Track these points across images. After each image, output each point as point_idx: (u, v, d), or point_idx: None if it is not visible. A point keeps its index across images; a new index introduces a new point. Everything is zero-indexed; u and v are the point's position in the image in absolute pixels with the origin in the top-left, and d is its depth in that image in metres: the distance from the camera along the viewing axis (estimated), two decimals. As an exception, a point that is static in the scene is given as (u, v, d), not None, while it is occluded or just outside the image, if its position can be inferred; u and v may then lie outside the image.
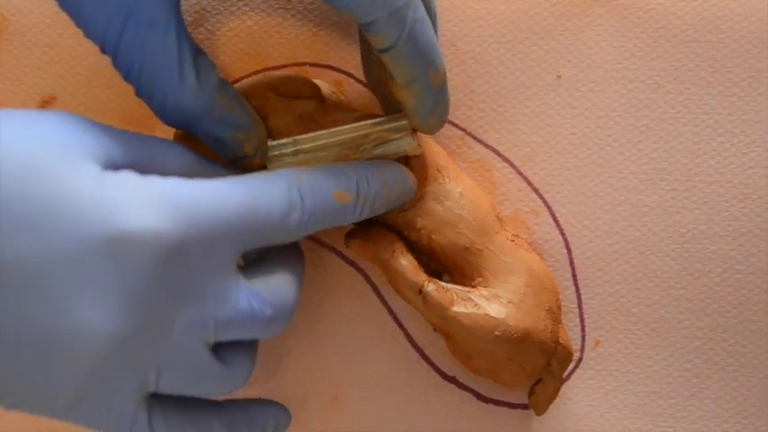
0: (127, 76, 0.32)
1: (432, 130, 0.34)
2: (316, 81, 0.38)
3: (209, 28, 0.40)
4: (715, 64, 0.39)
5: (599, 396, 0.39)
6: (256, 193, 0.29)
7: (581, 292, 0.39)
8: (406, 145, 0.34)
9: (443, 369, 0.39)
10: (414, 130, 0.35)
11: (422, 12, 0.31)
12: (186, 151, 0.32)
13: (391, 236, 0.36)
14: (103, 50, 0.31)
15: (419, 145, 0.35)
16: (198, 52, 0.32)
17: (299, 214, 0.30)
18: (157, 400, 0.30)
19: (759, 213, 0.38)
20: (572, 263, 0.39)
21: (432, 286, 0.35)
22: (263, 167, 0.34)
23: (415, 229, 0.36)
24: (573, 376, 0.39)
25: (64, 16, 0.31)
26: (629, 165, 0.39)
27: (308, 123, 0.36)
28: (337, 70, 0.39)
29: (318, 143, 0.34)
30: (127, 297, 0.26)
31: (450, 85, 0.39)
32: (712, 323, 0.39)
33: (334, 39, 0.40)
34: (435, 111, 0.33)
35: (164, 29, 0.31)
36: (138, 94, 0.32)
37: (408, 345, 0.39)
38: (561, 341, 0.36)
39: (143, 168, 0.29)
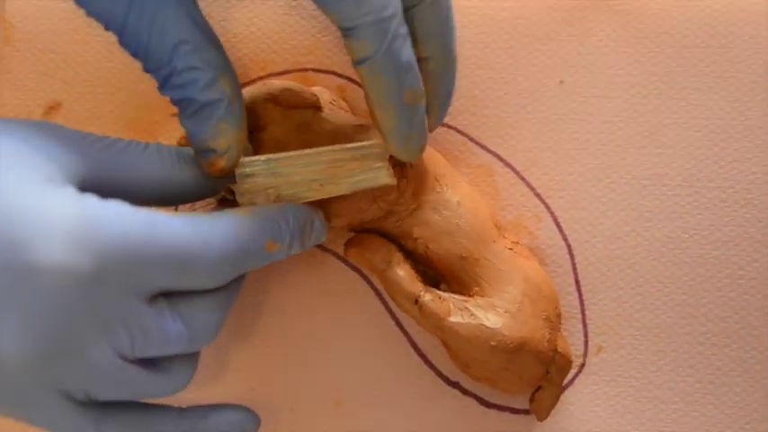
0: (135, 53, 0.31)
1: (410, 157, 0.33)
2: (317, 89, 0.38)
3: (213, 34, 0.40)
4: (717, 69, 0.39)
5: (602, 401, 0.39)
6: (194, 236, 0.29)
7: (584, 297, 0.39)
8: (381, 177, 0.34)
9: (446, 374, 0.39)
10: (392, 158, 0.34)
11: (405, 29, 0.31)
12: (166, 152, 0.32)
13: (389, 245, 0.36)
14: (108, 27, 0.31)
15: (394, 176, 0.34)
16: (207, 25, 0.32)
17: (232, 264, 0.30)
18: (107, 407, 0.30)
19: (761, 219, 0.38)
20: (575, 268, 0.39)
21: (428, 296, 0.35)
22: (225, 175, 0.33)
23: (413, 238, 0.36)
24: (576, 382, 0.39)
25: (70, 23, 0.31)
26: (632, 170, 0.39)
27: (306, 133, 0.36)
28: (340, 76, 0.39)
29: (292, 169, 0.33)
30: (32, 324, 0.26)
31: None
32: (715, 329, 0.38)
33: (337, 45, 0.40)
34: (411, 134, 0.32)
35: (173, 3, 0.31)
36: (147, 69, 0.32)
37: (411, 350, 0.39)
38: (560, 349, 0.36)
39: (111, 177, 0.30)
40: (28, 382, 0.27)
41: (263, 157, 0.33)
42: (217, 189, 0.34)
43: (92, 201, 0.28)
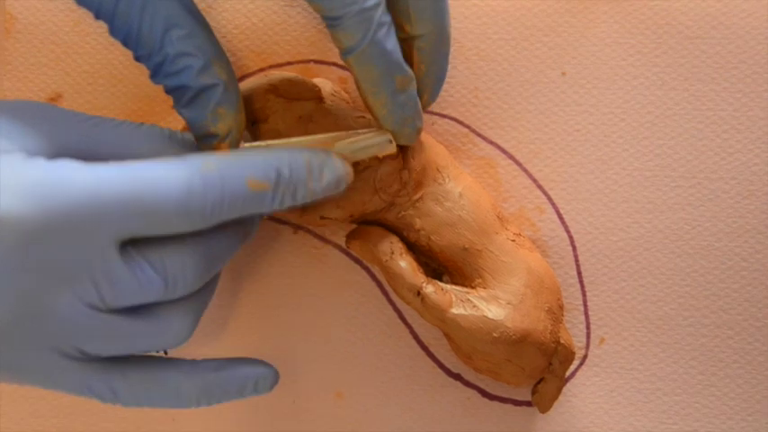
0: (125, 41, 0.32)
1: (407, 140, 0.34)
2: (318, 80, 0.38)
3: (214, 26, 0.40)
4: (720, 60, 0.39)
5: (604, 393, 0.39)
6: (147, 179, 0.28)
7: (586, 289, 0.39)
8: (384, 146, 0.34)
9: (448, 366, 0.39)
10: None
11: (389, 18, 0.31)
12: (158, 133, 0.32)
13: (391, 236, 0.36)
14: (98, 16, 0.31)
15: (394, 143, 0.34)
16: (197, 11, 0.32)
17: (201, 202, 0.28)
18: (113, 363, 0.30)
19: (764, 210, 0.38)
20: (577, 260, 0.39)
21: (430, 288, 0.35)
22: None
23: (415, 229, 0.36)
24: (578, 374, 0.39)
25: (71, 15, 0.31)
26: (634, 161, 0.39)
27: (308, 124, 0.36)
28: (341, 67, 0.39)
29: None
30: None
31: (455, 82, 0.39)
32: (717, 320, 0.38)
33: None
34: (406, 118, 0.33)
35: None
36: (138, 57, 0.32)
37: (413, 342, 0.39)
38: (562, 341, 0.36)
39: (99, 153, 0.29)
40: (18, 343, 0.28)
41: (263, 143, 0.34)
42: None
43: (40, 161, 0.27)
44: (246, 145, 0.33)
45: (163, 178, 0.28)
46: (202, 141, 0.33)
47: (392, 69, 0.32)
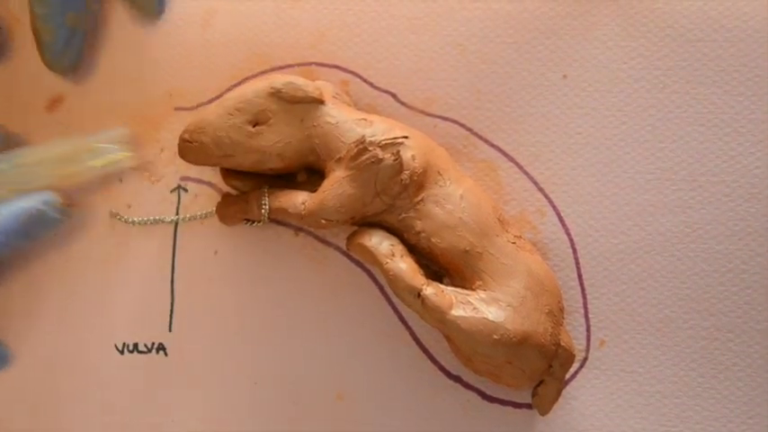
0: None
1: (63, 71, 0.38)
2: (320, 82, 0.38)
3: (217, 28, 0.40)
4: (721, 63, 0.39)
5: (604, 396, 0.39)
6: None
7: (586, 291, 0.39)
8: (122, 157, 0.37)
9: (448, 368, 0.39)
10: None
11: None
12: None
13: (391, 239, 0.36)
14: None
15: (134, 159, 0.37)
16: None
17: None
18: None
19: (765, 213, 0.38)
20: (577, 262, 0.39)
21: (430, 290, 0.35)
22: None
23: (415, 231, 0.36)
24: (578, 376, 0.39)
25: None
26: (635, 164, 0.39)
27: (310, 127, 0.36)
28: (343, 70, 0.39)
29: (34, 158, 0.36)
30: None
31: (457, 85, 0.39)
32: (717, 323, 0.38)
33: (340, 39, 0.40)
34: (67, 51, 0.37)
35: None
36: None
37: (414, 344, 0.39)
38: (563, 343, 0.36)
39: None
40: None
41: (3, 155, 0.36)
42: None
43: None
44: None
45: None
46: None
47: (67, 6, 0.36)
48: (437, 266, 0.37)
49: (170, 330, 0.40)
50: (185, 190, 0.40)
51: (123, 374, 0.40)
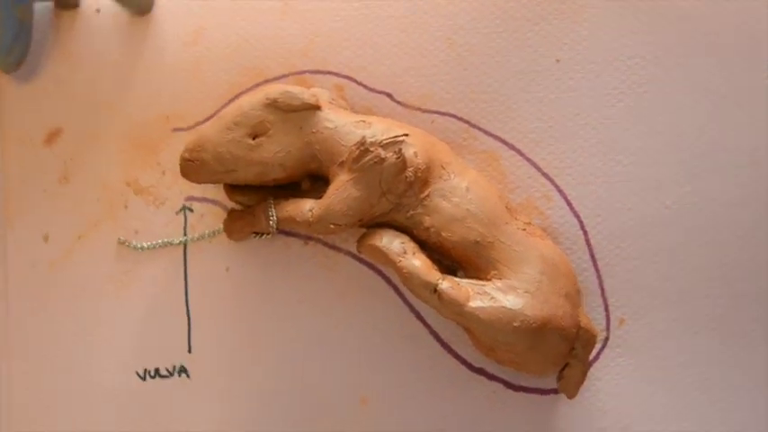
0: None
1: (8, 69, 0.38)
2: (315, 90, 0.38)
3: (206, 46, 0.40)
4: (714, 35, 0.39)
5: (628, 373, 0.39)
6: None
7: (601, 272, 0.39)
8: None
9: (471, 361, 0.39)
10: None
11: None
12: None
13: (402, 237, 0.36)
14: None
15: None
16: None
17: None
18: None
19: (768, 176, 0.38)
20: (589, 243, 0.39)
21: (446, 284, 0.35)
22: None
23: (424, 227, 0.36)
24: (601, 356, 0.39)
25: (71, 49, 0.32)
26: (635, 140, 0.39)
27: (309, 134, 0.36)
28: (337, 75, 0.40)
29: None
30: None
31: (450, 78, 0.39)
32: (732, 290, 0.38)
33: (330, 45, 0.40)
34: (15, 47, 0.37)
35: None
36: None
37: (433, 340, 0.39)
38: (583, 325, 0.36)
39: None
40: None
41: None
42: None
43: None
44: None
45: None
46: None
47: None
48: (450, 260, 0.37)
49: (189, 351, 0.40)
50: (191, 210, 0.40)
51: (147, 400, 0.40)
